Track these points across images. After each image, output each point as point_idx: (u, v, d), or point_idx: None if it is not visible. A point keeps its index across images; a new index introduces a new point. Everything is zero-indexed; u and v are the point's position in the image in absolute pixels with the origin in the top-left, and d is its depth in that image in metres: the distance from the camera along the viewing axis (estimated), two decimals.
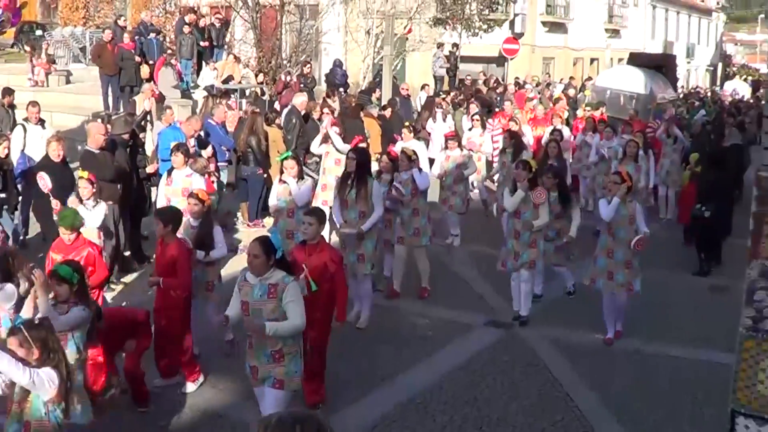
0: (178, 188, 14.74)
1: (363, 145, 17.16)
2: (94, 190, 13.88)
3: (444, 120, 26.37)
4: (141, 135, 17.93)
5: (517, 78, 43.49)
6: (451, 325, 14.40)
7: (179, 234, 11.82)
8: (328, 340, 11.33)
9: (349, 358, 12.81)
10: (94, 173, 14.97)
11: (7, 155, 16.35)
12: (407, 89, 31.56)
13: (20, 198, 17.09)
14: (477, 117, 23.95)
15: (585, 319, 14.51)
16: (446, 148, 19.15)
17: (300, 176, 14.81)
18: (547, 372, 12.66)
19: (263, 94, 29.38)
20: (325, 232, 13.97)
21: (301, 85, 30.37)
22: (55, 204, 14.34)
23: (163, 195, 14.96)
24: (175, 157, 15.06)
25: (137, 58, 28.46)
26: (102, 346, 10.41)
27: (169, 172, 15.15)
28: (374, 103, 27.84)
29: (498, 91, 36.79)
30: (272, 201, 15.15)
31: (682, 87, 62.35)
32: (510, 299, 14.95)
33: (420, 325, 14.59)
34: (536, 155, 20.68)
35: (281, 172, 14.96)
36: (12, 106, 19.70)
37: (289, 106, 22.59)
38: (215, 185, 17.70)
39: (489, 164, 23.05)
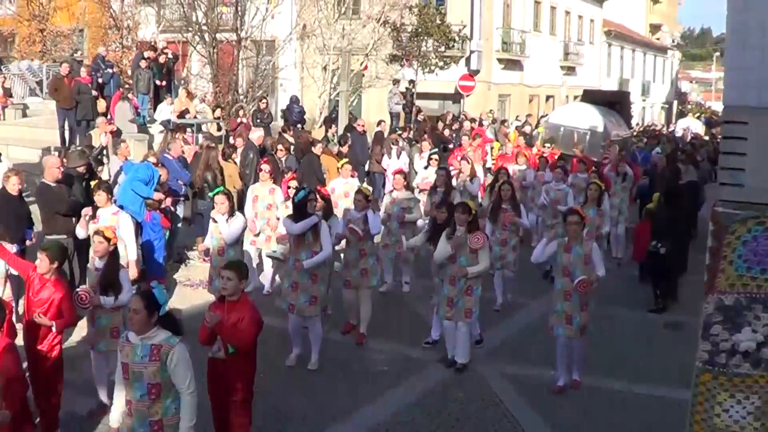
0: (103, 226, 13.65)
1: (294, 182, 17.07)
2: None
3: (399, 157, 26.42)
4: (98, 169, 17.82)
5: (465, 113, 43.62)
6: (406, 360, 14.31)
7: None
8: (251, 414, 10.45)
9: (304, 394, 12.83)
10: (49, 206, 14.98)
11: None
12: (363, 125, 31.59)
13: None
14: (435, 156, 22.56)
15: (540, 355, 14.49)
16: (392, 188, 18.46)
17: (231, 213, 14.61)
18: (502, 407, 12.62)
19: (220, 129, 29.35)
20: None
21: (258, 121, 30.34)
22: None
23: (89, 233, 14.18)
24: (98, 195, 14.58)
25: (94, 92, 28.37)
26: None
27: (95, 209, 14.59)
28: (332, 140, 27.83)
29: (454, 127, 36.87)
30: (207, 239, 14.87)
31: (637, 124, 62.91)
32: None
33: (375, 360, 14.49)
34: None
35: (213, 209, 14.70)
36: None
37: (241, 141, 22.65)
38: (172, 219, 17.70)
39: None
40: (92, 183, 15.86)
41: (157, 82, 31.00)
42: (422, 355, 14.55)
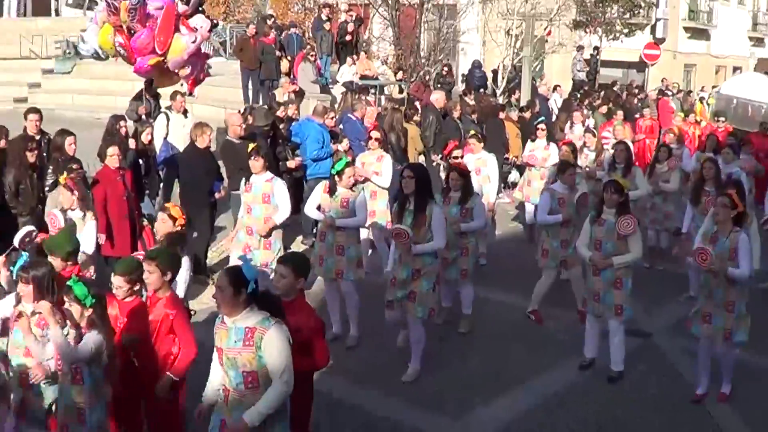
0: (258, 194, 13.27)
1: (457, 152, 16.24)
2: (76, 196, 12.28)
3: (583, 124, 25.91)
4: (282, 126, 17.95)
5: (632, 82, 42.77)
6: (584, 330, 13.38)
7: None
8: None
9: (480, 359, 12.83)
10: (233, 162, 15.17)
11: (150, 142, 16.69)
12: (548, 90, 31.19)
13: (161, 184, 17.46)
14: (542, 126, 19.84)
15: None
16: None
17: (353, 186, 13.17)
18: (683, 382, 12.26)
19: (401, 91, 29.41)
20: None
21: (438, 85, 30.30)
22: None
23: (243, 203, 13.54)
24: (255, 161, 13.27)
25: (277, 53, 28.74)
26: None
27: (248, 177, 13.64)
28: (514, 105, 27.56)
29: (639, 96, 36.18)
30: (312, 212, 13.40)
31: None
32: (649, 306, 14.53)
33: (552, 328, 14.29)
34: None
35: (332, 180, 13.10)
36: (156, 95, 19.96)
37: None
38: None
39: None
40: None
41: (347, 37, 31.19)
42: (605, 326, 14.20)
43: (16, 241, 10.37)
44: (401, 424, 10.89)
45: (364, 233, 15.67)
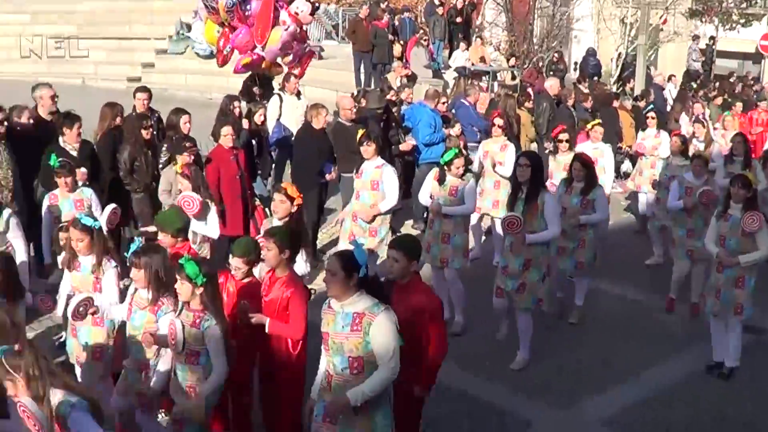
0: (367, 181, 13.09)
1: (564, 135, 15.91)
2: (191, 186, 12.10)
3: (702, 117, 25.40)
4: (394, 110, 17.95)
5: (748, 74, 41.70)
6: (698, 324, 13.42)
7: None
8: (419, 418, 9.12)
9: (589, 350, 12.68)
10: (344, 145, 15.18)
11: (263, 123, 16.79)
12: (663, 80, 30.76)
13: (273, 165, 17.58)
14: (652, 115, 19.06)
15: None
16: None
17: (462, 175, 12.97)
18: None
19: (514, 77, 29.30)
20: None
21: (551, 73, 30.12)
22: None
23: (354, 191, 13.47)
24: (367, 146, 13.04)
25: (390, 37, 28.77)
26: None
27: (360, 162, 13.36)
28: (628, 94, 27.23)
29: (755, 88, 35.47)
30: (425, 199, 13.34)
31: None
32: (764, 301, 13.98)
33: (666, 322, 13.99)
34: None
35: (442, 169, 13.01)
36: (269, 78, 20.08)
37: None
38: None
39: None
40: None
41: (458, 19, 31.12)
42: None
43: (102, 221, 10.35)
44: (507, 412, 10.86)
45: (475, 219, 15.60)
